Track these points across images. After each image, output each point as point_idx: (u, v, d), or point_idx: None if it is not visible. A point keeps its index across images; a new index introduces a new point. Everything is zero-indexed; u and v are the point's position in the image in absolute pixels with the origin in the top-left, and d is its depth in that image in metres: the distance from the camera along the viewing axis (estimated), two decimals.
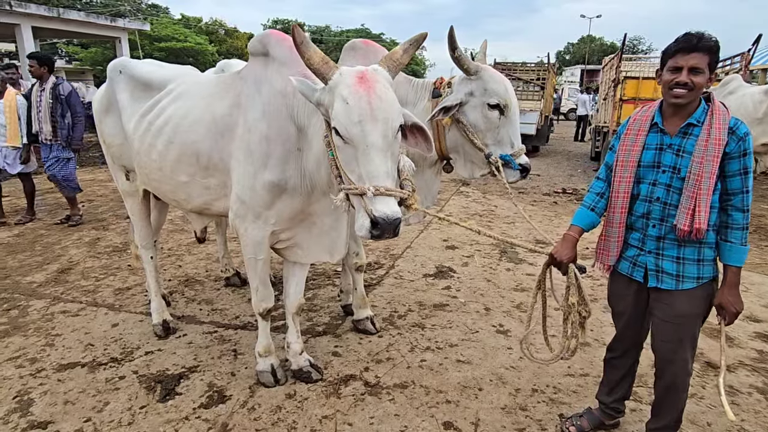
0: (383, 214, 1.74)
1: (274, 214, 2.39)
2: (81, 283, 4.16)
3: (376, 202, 1.76)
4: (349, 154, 1.83)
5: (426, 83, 2.80)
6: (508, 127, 2.64)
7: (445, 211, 6.79)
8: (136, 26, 15.80)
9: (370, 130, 1.76)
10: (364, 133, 1.76)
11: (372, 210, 1.76)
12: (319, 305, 3.77)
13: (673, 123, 1.90)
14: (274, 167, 2.28)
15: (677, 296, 1.95)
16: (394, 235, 1.79)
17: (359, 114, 1.76)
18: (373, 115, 1.77)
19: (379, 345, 3.19)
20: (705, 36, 1.79)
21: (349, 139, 1.80)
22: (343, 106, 1.78)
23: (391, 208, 1.76)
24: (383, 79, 1.87)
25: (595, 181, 2.19)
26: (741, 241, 1.85)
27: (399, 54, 1.99)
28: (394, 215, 1.75)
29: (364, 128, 1.76)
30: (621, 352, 2.28)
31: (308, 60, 1.84)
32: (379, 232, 1.77)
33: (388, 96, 1.83)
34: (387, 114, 1.79)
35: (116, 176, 3.20)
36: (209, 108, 2.47)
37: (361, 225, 1.80)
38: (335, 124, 1.81)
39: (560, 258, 2.07)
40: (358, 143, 1.78)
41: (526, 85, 12.89)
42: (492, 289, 4.11)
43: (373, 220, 1.75)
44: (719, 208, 1.87)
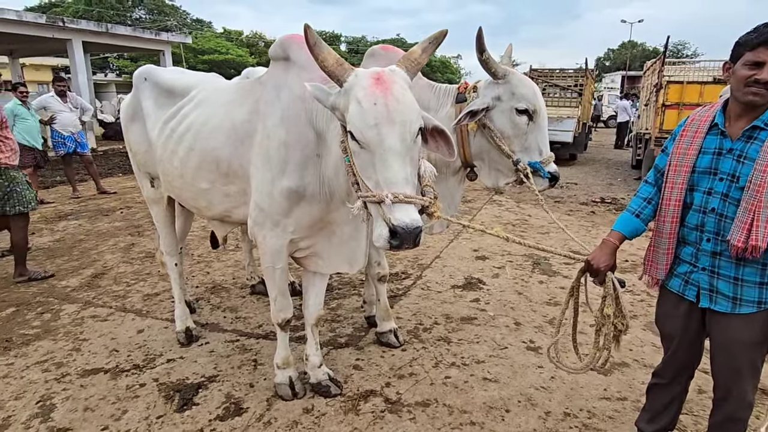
0: (402, 222, 1.63)
1: (292, 222, 2.32)
2: (112, 288, 4.23)
3: (394, 210, 1.66)
4: (366, 160, 1.74)
5: (449, 89, 2.69)
6: (536, 134, 2.50)
7: (477, 220, 6.61)
8: (180, 39, 16.36)
9: (387, 133, 1.67)
10: (381, 136, 1.67)
11: (390, 218, 1.65)
12: (343, 316, 3.69)
13: (737, 125, 1.69)
14: (292, 173, 2.22)
15: (733, 320, 1.74)
16: (415, 245, 1.68)
17: (375, 117, 1.67)
18: (390, 117, 1.67)
19: (402, 359, 3.07)
20: None
21: (365, 144, 1.71)
22: (358, 108, 1.70)
23: (410, 216, 1.66)
24: (401, 80, 1.77)
25: (643, 184, 2.00)
26: None
27: (417, 54, 1.89)
28: (413, 224, 1.65)
29: (380, 132, 1.67)
30: (669, 379, 2.06)
31: (322, 62, 1.77)
32: (398, 242, 1.66)
33: (406, 97, 1.73)
34: (405, 116, 1.70)
35: (141, 183, 3.23)
36: (229, 114, 2.45)
37: (379, 234, 1.70)
38: (351, 128, 1.73)
39: (597, 265, 1.90)
40: (374, 148, 1.69)
41: (564, 92, 12.55)
42: (523, 303, 3.92)
43: (392, 229, 1.65)
44: None
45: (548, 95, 12.84)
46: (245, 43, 36.21)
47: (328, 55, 1.77)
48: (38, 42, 13.09)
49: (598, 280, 1.92)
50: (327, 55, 1.77)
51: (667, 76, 8.19)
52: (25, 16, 11.78)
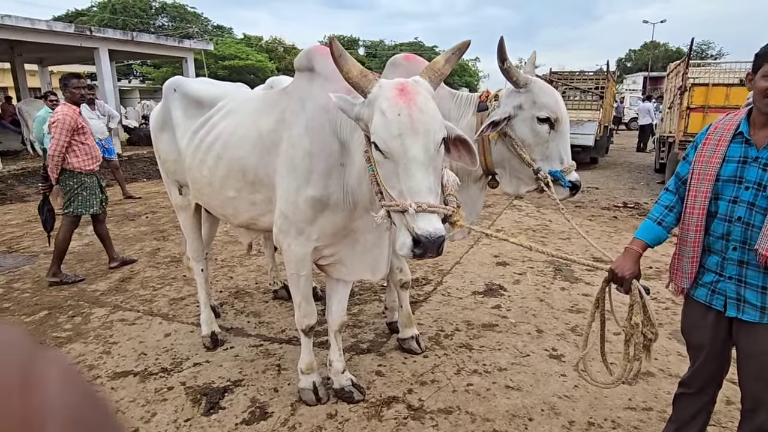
0: (426, 231, 1.66)
1: (316, 230, 2.37)
2: (139, 292, 4.34)
3: (418, 220, 1.69)
4: (390, 170, 1.77)
5: (471, 97, 2.70)
6: (558, 142, 2.50)
7: (497, 225, 6.58)
8: (201, 46, 16.69)
9: (410, 143, 1.70)
10: (405, 147, 1.70)
11: (414, 228, 1.68)
12: (365, 321, 3.72)
13: (762, 134, 1.69)
14: (316, 182, 2.26)
15: (762, 330, 1.72)
16: (438, 254, 1.71)
17: (399, 127, 1.70)
18: (413, 127, 1.70)
19: (424, 366, 3.09)
20: None
21: (389, 154, 1.74)
22: (382, 119, 1.73)
23: (434, 225, 1.68)
24: (424, 90, 1.80)
25: (664, 192, 2.00)
26: None
27: (440, 64, 1.92)
28: (437, 233, 1.67)
29: (404, 142, 1.70)
30: (697, 389, 2.04)
31: (347, 74, 1.81)
32: (422, 251, 1.69)
33: (430, 108, 1.76)
34: (428, 126, 1.72)
35: (170, 190, 3.32)
36: (256, 124, 2.51)
37: (403, 243, 1.73)
38: (375, 139, 1.77)
39: (622, 274, 1.90)
40: (398, 158, 1.72)
41: (584, 95, 12.40)
42: (545, 310, 3.90)
43: (415, 238, 1.68)
44: None
45: (568, 98, 12.71)
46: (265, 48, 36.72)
47: (353, 66, 1.81)
48: (66, 51, 13.49)
49: (624, 288, 1.92)
50: (352, 67, 1.81)
51: (691, 78, 8.05)
52: (55, 26, 12.15)
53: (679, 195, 1.92)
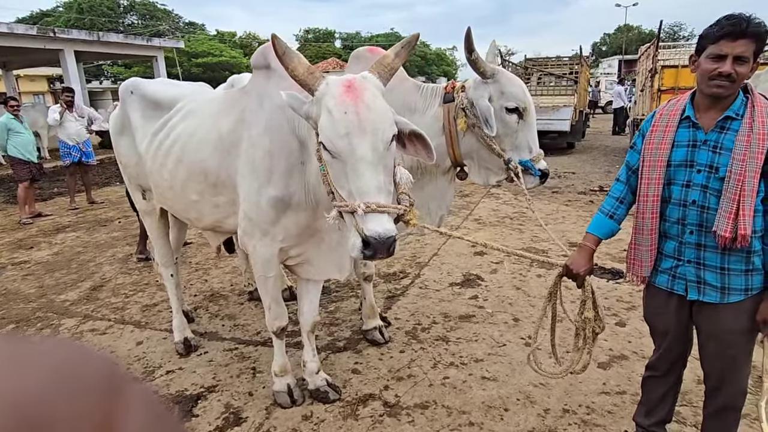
0: (375, 233, 1.63)
1: (281, 230, 2.32)
2: (111, 300, 4.24)
3: (367, 220, 1.66)
4: (339, 170, 1.73)
5: (436, 89, 2.67)
6: (526, 131, 2.49)
7: (475, 214, 6.60)
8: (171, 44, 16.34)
9: (358, 143, 1.66)
10: (352, 146, 1.66)
11: (363, 229, 1.66)
12: (342, 319, 3.69)
13: (707, 117, 1.70)
14: (277, 182, 2.21)
15: (723, 310, 1.75)
16: (389, 254, 1.69)
17: (346, 126, 1.66)
18: (361, 126, 1.67)
19: (401, 361, 3.07)
20: (753, 20, 1.56)
21: (336, 154, 1.70)
22: (328, 118, 1.69)
23: (383, 226, 1.65)
24: (373, 86, 1.76)
25: (615, 183, 2.00)
26: None
27: (390, 58, 1.88)
28: (386, 233, 1.64)
29: (351, 141, 1.66)
30: (664, 372, 2.07)
31: (292, 71, 1.76)
32: (372, 252, 1.66)
33: (378, 105, 1.72)
34: (377, 125, 1.69)
35: (133, 195, 3.23)
36: (216, 125, 2.44)
37: (353, 244, 1.70)
38: (322, 138, 1.73)
39: (576, 270, 1.92)
40: (346, 157, 1.69)
41: (559, 80, 12.49)
42: (521, 298, 3.91)
43: (365, 239, 1.65)
44: (762, 211, 1.66)
45: (544, 84, 12.79)
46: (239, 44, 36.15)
47: (299, 64, 1.76)
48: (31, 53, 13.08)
49: (577, 284, 1.93)
50: (297, 64, 1.76)
51: (661, 60, 8.13)
52: (17, 28, 11.76)
53: (630, 185, 1.94)
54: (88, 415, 0.24)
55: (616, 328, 3.34)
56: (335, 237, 2.39)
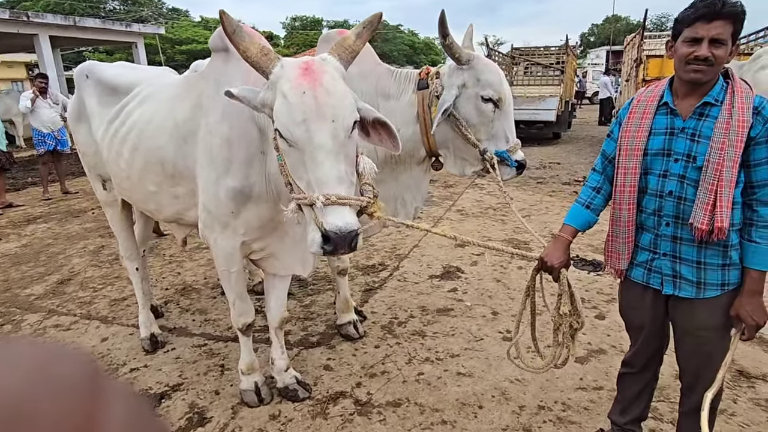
0: (335, 226, 1.53)
1: (242, 223, 2.20)
2: (78, 294, 4.08)
3: (327, 213, 1.55)
4: (296, 159, 1.62)
5: (410, 74, 2.55)
6: (502, 121, 2.39)
7: (458, 205, 6.51)
8: (152, 30, 15.91)
9: (316, 129, 1.55)
10: (310, 133, 1.55)
11: (323, 222, 1.55)
12: (317, 313, 3.58)
13: (686, 103, 1.61)
14: (237, 172, 2.09)
15: (699, 306, 1.68)
16: (350, 249, 1.58)
17: (303, 111, 1.54)
18: (319, 112, 1.55)
19: (375, 357, 2.98)
20: (729, 0, 1.48)
21: (293, 142, 1.59)
22: (284, 103, 1.57)
23: (344, 220, 1.54)
24: (333, 69, 1.64)
25: (591, 173, 1.92)
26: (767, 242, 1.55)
27: (351, 40, 1.75)
28: (347, 227, 1.54)
29: (309, 128, 1.55)
30: (640, 368, 2.01)
31: (244, 52, 1.64)
32: (332, 248, 1.56)
33: (338, 89, 1.60)
34: (337, 110, 1.57)
35: (94, 186, 3.07)
36: (172, 112, 2.30)
37: (312, 239, 1.59)
38: (277, 125, 1.61)
39: (551, 263, 1.83)
40: (303, 146, 1.57)
41: (546, 70, 12.39)
42: (501, 291, 3.84)
43: (324, 233, 1.54)
44: (741, 203, 1.58)
45: (530, 74, 12.69)
46: None
47: (251, 44, 1.63)
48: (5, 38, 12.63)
49: (553, 277, 1.84)
50: (249, 45, 1.63)
51: (646, 50, 8.07)
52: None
53: (606, 175, 1.85)
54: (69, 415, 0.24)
55: (595, 321, 3.28)
56: (299, 231, 2.27)
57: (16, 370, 0.24)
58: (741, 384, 2.58)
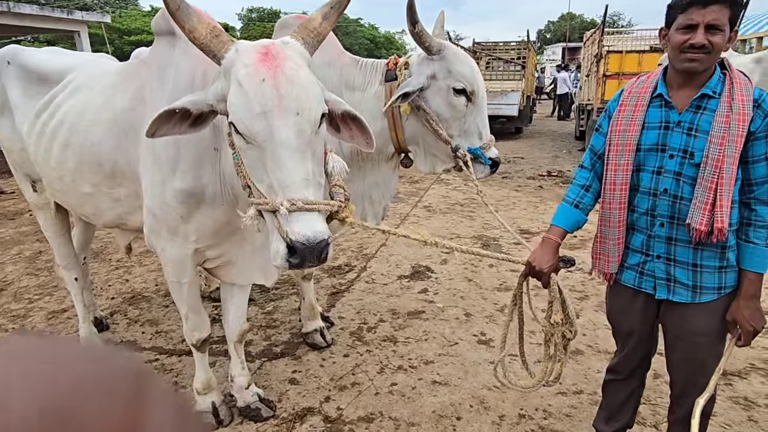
0: (302, 236, 1.32)
1: (193, 228, 1.95)
2: (11, 306, 3.68)
3: (292, 221, 1.34)
4: (255, 158, 1.40)
5: (377, 64, 2.35)
6: (476, 116, 2.23)
7: (425, 201, 6.37)
8: (96, 18, 14.93)
9: (278, 124, 1.33)
10: (271, 128, 1.33)
11: (288, 231, 1.34)
12: (280, 320, 3.35)
13: (682, 95, 1.49)
14: (185, 173, 1.84)
15: (695, 311, 1.57)
16: (320, 262, 1.38)
17: (262, 103, 1.33)
18: (281, 104, 1.33)
19: (344, 367, 2.78)
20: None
21: (251, 138, 1.37)
22: (239, 93, 1.35)
23: (313, 228, 1.34)
24: (296, 54, 1.43)
25: (579, 170, 1.78)
26: (766, 242, 1.46)
27: (318, 21, 1.53)
28: (316, 237, 1.33)
29: (270, 122, 1.33)
30: (626, 375, 1.89)
31: (190, 33, 1.40)
32: (299, 260, 1.35)
33: (303, 77, 1.39)
34: (302, 101, 1.36)
35: (22, 187, 2.72)
36: (109, 103, 2.02)
37: (275, 251, 1.38)
38: (232, 119, 1.38)
39: (540, 267, 1.68)
40: (263, 143, 1.35)
41: (507, 65, 12.46)
42: (473, 290, 3.72)
43: (289, 244, 1.33)
44: (738, 202, 1.48)
45: (492, 69, 12.73)
46: None
47: (199, 23, 1.40)
48: None
49: (542, 282, 1.69)
50: (197, 24, 1.39)
51: (606, 46, 8.17)
52: None
53: (595, 171, 1.73)
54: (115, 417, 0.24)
55: None
56: (260, 237, 2.04)
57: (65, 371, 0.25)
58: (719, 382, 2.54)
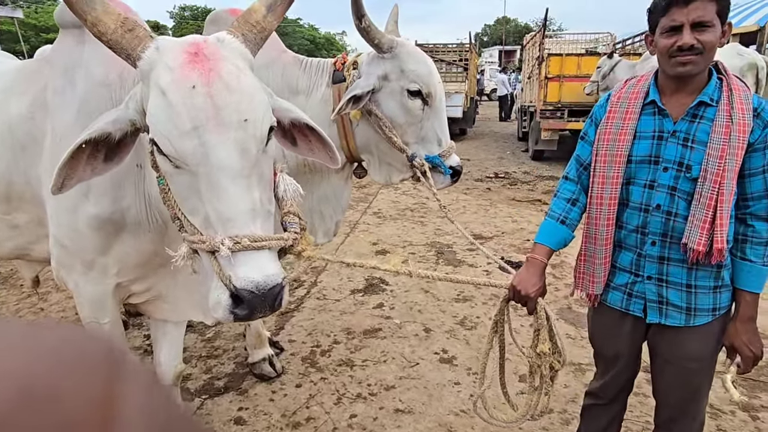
0: (249, 282, 1.07)
1: (114, 261, 1.63)
2: None
3: (237, 263, 1.09)
4: (186, 185, 1.13)
5: (323, 64, 2.11)
6: (433, 120, 2.04)
7: (374, 207, 6.18)
8: (6, 13, 13.64)
9: (215, 143, 1.08)
10: (206, 148, 1.08)
11: (231, 276, 1.08)
12: (223, 348, 3.03)
13: (676, 102, 1.36)
14: (101, 196, 1.52)
15: (688, 335, 1.45)
16: (274, 309, 1.13)
17: (192, 116, 1.07)
18: (219, 117, 1.08)
19: (297, 399, 2.52)
20: None
21: (179, 161, 1.10)
22: (162, 103, 1.08)
23: (263, 271, 1.10)
24: (235, 54, 1.18)
25: (563, 182, 1.62)
26: (763, 261, 1.36)
27: (261, 14, 1.27)
28: (267, 282, 1.09)
29: (204, 140, 1.07)
30: (609, 400, 1.77)
31: (93, 26, 1.11)
32: (247, 311, 1.09)
33: (245, 82, 1.14)
34: (245, 113, 1.11)
35: None
36: (2, 108, 1.66)
37: (216, 302, 1.12)
38: (154, 136, 1.11)
39: (525, 291, 1.51)
40: (196, 166, 1.09)
41: (449, 67, 12.53)
42: (431, 303, 3.55)
43: (234, 292, 1.08)
44: (735, 217, 1.37)
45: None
46: None
47: (104, 14, 1.11)
48: None
49: (528, 309, 1.53)
50: (102, 15, 1.11)
51: (547, 49, 8.34)
52: None
53: (582, 184, 1.57)
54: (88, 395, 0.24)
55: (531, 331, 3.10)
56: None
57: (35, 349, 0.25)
58: None
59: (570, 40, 9.66)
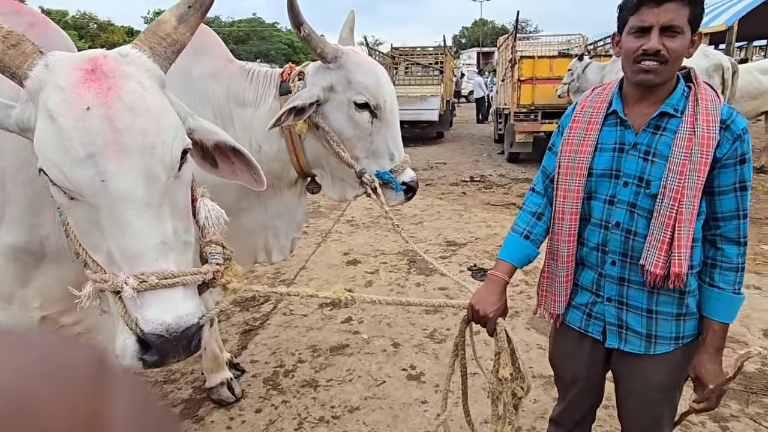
0: (158, 325, 0.97)
1: (35, 293, 1.50)
2: None
3: (144, 304, 0.98)
4: (83, 219, 1.03)
5: (270, 74, 2.00)
6: (384, 134, 1.94)
7: (347, 215, 6.07)
8: None
9: (114, 171, 0.97)
10: (104, 177, 0.96)
11: (138, 318, 0.97)
12: (180, 371, 2.88)
13: (638, 112, 1.28)
14: (15, 222, 1.39)
15: (650, 363, 1.37)
16: (189, 353, 1.02)
17: (86, 142, 0.95)
18: (119, 142, 0.97)
19: (256, 426, 2.40)
20: None
21: (73, 192, 0.98)
22: (51, 129, 0.97)
23: (174, 311, 0.99)
24: (140, 71, 1.06)
25: (530, 194, 1.53)
26: (733, 288, 1.26)
27: (171, 25, 1.14)
28: (180, 324, 0.99)
29: (101, 169, 0.96)
30: (570, 426, 1.68)
31: None
32: (157, 357, 0.99)
33: (151, 103, 1.03)
34: (150, 136, 1.00)
35: None
36: None
37: (122, 347, 1.01)
38: (43, 165, 0.99)
39: (484, 312, 1.41)
40: (93, 198, 0.98)
41: (426, 70, 12.52)
42: (400, 315, 3.46)
43: (140, 337, 0.97)
44: (702, 238, 1.28)
45: (411, 74, 12.74)
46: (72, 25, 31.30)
47: None
48: None
49: (488, 329, 1.44)
50: None
51: (519, 51, 8.34)
52: None
53: (548, 197, 1.47)
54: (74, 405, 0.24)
55: None
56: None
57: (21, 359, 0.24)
58: None
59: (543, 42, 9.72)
